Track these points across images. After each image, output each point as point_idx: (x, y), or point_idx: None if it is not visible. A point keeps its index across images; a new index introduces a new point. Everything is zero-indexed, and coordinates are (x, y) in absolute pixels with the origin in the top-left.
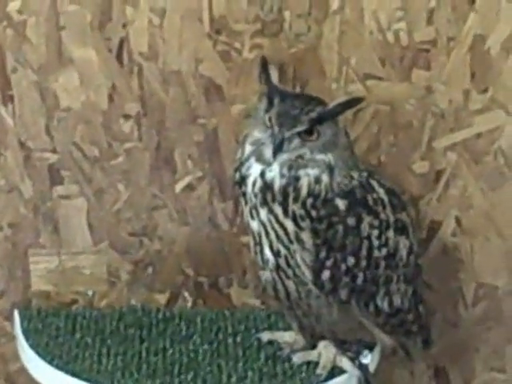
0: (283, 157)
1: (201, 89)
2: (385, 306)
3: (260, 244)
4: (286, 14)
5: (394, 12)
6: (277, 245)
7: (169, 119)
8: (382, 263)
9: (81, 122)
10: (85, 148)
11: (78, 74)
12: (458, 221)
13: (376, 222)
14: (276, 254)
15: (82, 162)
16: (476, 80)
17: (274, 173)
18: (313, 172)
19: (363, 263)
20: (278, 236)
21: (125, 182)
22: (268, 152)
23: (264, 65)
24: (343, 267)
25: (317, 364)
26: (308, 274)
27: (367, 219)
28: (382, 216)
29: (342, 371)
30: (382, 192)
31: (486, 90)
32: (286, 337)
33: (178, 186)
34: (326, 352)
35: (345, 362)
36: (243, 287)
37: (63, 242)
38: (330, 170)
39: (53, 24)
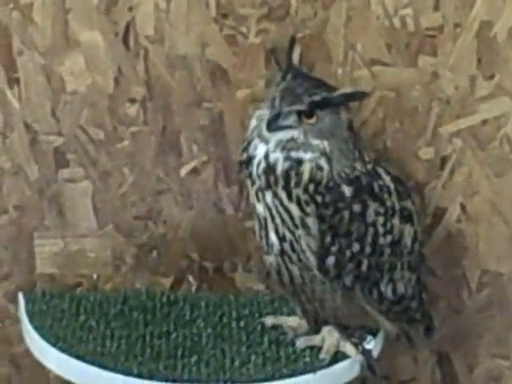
0: (277, 135)
1: (207, 73)
2: (388, 292)
3: (265, 228)
4: None
5: None
6: (282, 229)
7: (174, 103)
8: (387, 250)
9: (86, 105)
10: (90, 131)
11: (84, 57)
12: (462, 207)
13: (382, 209)
14: (281, 238)
15: (87, 145)
16: (482, 66)
17: (276, 155)
18: (314, 157)
19: (368, 250)
20: (283, 220)
21: (130, 166)
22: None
23: (292, 43)
24: (348, 253)
25: (320, 349)
26: (313, 260)
27: (373, 206)
28: (388, 203)
29: (345, 356)
30: (387, 179)
31: (492, 77)
32: (290, 321)
33: (183, 170)
34: (329, 337)
35: (348, 347)
36: (247, 272)
37: (68, 224)
38: (327, 157)
39: (59, 7)
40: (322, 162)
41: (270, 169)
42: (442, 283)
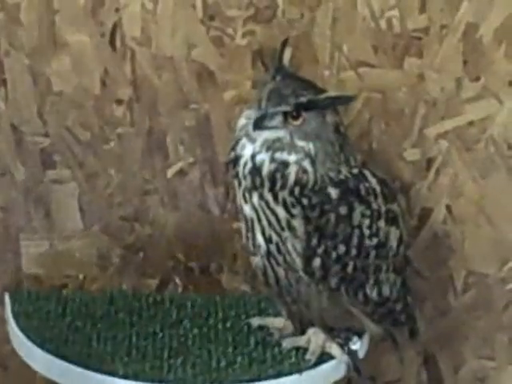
0: (263, 135)
1: (193, 74)
2: (374, 295)
3: (252, 229)
4: (279, 0)
5: None
6: (269, 231)
7: (161, 104)
8: (373, 252)
9: (73, 106)
10: (77, 132)
11: (70, 58)
12: (448, 208)
13: (368, 212)
14: (268, 240)
15: (74, 146)
16: (468, 68)
17: (262, 156)
18: (299, 159)
19: (354, 252)
20: (269, 222)
21: (116, 167)
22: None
23: (284, 44)
24: (334, 255)
25: (306, 350)
26: (299, 262)
27: (359, 208)
28: (374, 206)
29: (330, 357)
30: (374, 182)
31: (478, 79)
32: (276, 322)
33: (170, 172)
34: (315, 338)
35: (334, 348)
36: (234, 273)
37: (54, 225)
38: (311, 159)
39: (46, 8)
40: (306, 163)
41: (255, 170)
42: (428, 284)
